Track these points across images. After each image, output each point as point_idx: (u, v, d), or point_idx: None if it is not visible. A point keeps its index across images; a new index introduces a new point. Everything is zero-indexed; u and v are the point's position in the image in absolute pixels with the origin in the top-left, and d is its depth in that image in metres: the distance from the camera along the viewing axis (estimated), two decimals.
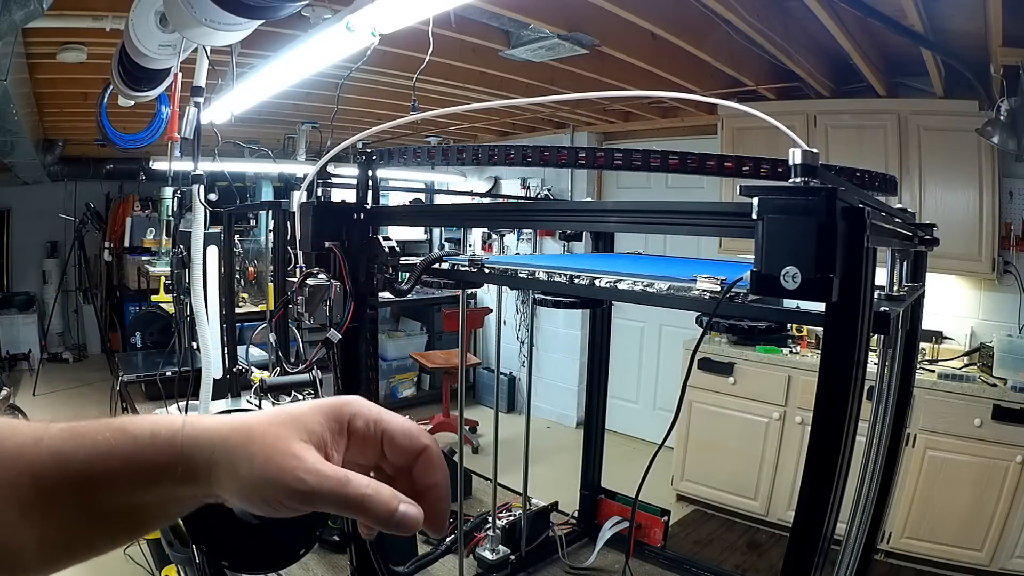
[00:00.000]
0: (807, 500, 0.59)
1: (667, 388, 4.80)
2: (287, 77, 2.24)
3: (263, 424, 0.39)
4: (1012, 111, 2.72)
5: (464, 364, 1.34)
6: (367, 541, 1.14)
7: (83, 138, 4.94)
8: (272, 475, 0.37)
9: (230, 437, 0.39)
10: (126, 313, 6.32)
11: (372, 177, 1.16)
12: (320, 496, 0.37)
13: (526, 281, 0.92)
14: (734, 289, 0.66)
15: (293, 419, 0.40)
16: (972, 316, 3.46)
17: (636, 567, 1.47)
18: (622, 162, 0.84)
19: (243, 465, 0.38)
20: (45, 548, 0.37)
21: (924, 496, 3.05)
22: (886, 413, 1.03)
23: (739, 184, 0.60)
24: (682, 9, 2.61)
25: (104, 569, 3.07)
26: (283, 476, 0.37)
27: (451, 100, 3.73)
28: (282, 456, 0.38)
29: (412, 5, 1.50)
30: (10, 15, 1.43)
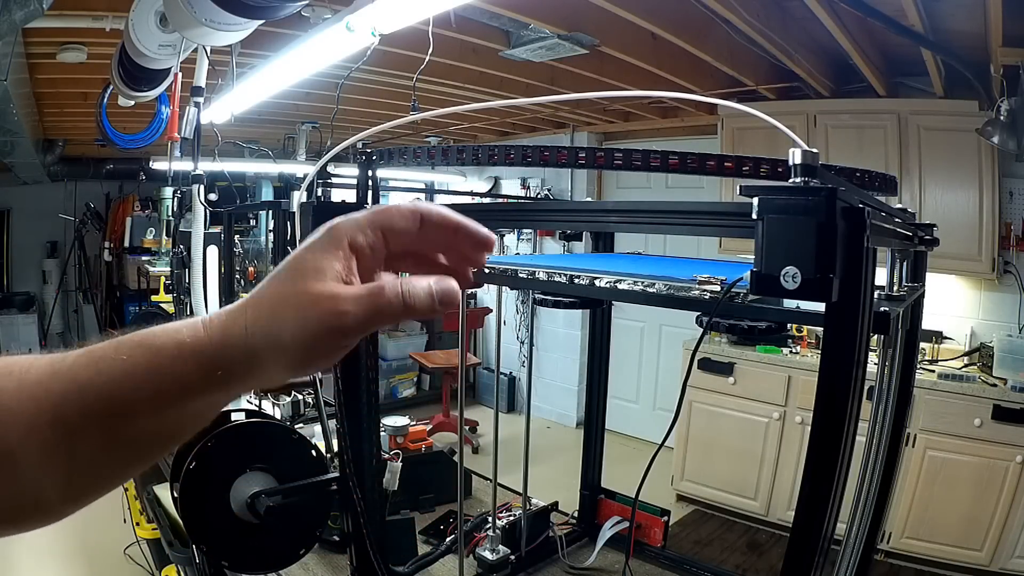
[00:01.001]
0: (807, 500, 0.59)
1: (667, 388, 4.80)
2: (287, 77, 2.24)
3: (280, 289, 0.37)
4: (1012, 111, 2.72)
5: (464, 364, 1.34)
6: (367, 541, 1.14)
7: (83, 138, 4.94)
8: (316, 325, 0.36)
9: (258, 318, 0.36)
10: (126, 313, 6.32)
11: (372, 177, 1.16)
12: (367, 317, 0.37)
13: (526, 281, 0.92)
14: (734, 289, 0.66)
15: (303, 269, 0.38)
16: (972, 316, 3.46)
17: (636, 567, 1.47)
18: (622, 162, 0.84)
19: (285, 334, 0.36)
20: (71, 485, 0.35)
21: (924, 496, 3.05)
22: (886, 413, 1.03)
23: (739, 184, 0.60)
24: (682, 9, 2.61)
25: (104, 569, 3.08)
26: (327, 320, 0.36)
27: (451, 100, 3.73)
28: (316, 302, 0.36)
29: (412, 5, 1.50)
30: (10, 15, 1.43)
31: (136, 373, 0.35)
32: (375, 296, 0.37)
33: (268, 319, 0.36)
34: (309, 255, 0.38)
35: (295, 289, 0.37)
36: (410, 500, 1.71)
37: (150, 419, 0.36)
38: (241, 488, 1.08)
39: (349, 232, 0.39)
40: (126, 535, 2.68)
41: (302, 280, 0.37)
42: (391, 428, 1.76)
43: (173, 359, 0.35)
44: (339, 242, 0.39)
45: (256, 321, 0.36)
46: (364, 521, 1.13)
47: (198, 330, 0.36)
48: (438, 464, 1.82)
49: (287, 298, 0.36)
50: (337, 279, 0.37)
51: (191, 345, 0.35)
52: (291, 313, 0.36)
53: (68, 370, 0.35)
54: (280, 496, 1.10)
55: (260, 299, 0.37)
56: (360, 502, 1.12)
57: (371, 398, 1.17)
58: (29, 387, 0.34)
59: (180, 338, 0.36)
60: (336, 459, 1.24)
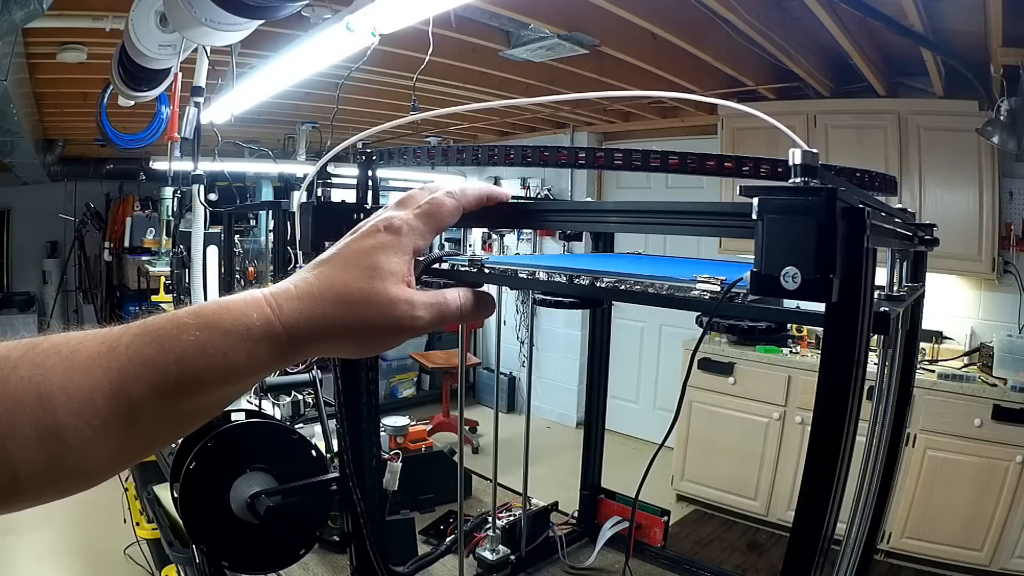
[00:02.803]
0: (807, 500, 0.59)
1: (667, 388, 4.80)
2: (287, 77, 2.24)
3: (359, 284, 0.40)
4: (1012, 111, 2.72)
5: (464, 364, 1.34)
6: (367, 541, 1.14)
7: (83, 138, 4.94)
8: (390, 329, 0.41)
9: (332, 313, 0.39)
10: (126, 313, 6.31)
11: (372, 177, 1.16)
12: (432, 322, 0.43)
13: (526, 281, 0.92)
14: (734, 289, 0.66)
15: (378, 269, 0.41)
16: (972, 316, 3.46)
17: (636, 567, 1.47)
18: (622, 162, 0.84)
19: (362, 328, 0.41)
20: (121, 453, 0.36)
21: (924, 496, 3.05)
22: (886, 413, 1.03)
23: (739, 184, 0.60)
24: (682, 9, 2.61)
25: (104, 569, 3.08)
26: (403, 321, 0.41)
27: (451, 100, 3.73)
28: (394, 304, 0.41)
29: (412, 5, 1.50)
30: (10, 15, 1.43)
31: (207, 352, 0.36)
32: (442, 305, 0.44)
33: (347, 310, 0.40)
34: (382, 256, 0.42)
35: (376, 288, 0.41)
36: (410, 500, 1.71)
37: (215, 392, 0.38)
38: (241, 488, 1.08)
39: (414, 240, 0.44)
40: (126, 535, 2.68)
41: (380, 281, 0.41)
42: (391, 428, 1.76)
43: (243, 341, 0.37)
44: (407, 248, 0.44)
45: (341, 311, 0.40)
46: (364, 521, 1.13)
47: (267, 315, 0.38)
48: (438, 464, 1.82)
49: (367, 296, 0.41)
50: (405, 281, 0.43)
51: (261, 329, 0.37)
52: (373, 312, 0.41)
53: (127, 348, 0.35)
54: (280, 496, 1.10)
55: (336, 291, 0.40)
56: (360, 502, 1.12)
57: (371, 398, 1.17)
58: (82, 363, 0.34)
59: (249, 323, 0.37)
60: (336, 459, 1.24)
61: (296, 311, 0.39)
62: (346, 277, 0.41)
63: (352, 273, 0.41)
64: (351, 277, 0.41)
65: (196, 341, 0.36)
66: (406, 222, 0.44)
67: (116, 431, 0.35)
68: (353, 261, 0.42)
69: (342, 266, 0.41)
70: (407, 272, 0.43)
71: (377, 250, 0.42)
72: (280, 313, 0.38)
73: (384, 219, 0.45)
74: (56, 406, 0.33)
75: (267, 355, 0.38)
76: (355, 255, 0.42)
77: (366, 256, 0.42)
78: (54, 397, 0.33)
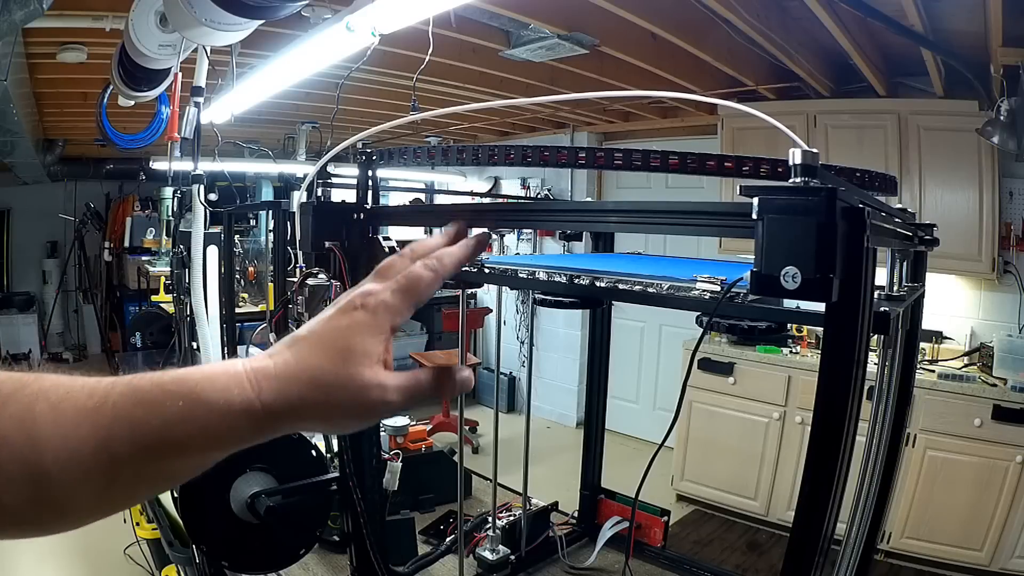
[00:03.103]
0: (807, 500, 0.59)
1: (667, 388, 4.80)
2: (287, 77, 2.24)
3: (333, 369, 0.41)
4: (1012, 111, 2.72)
5: (464, 364, 1.34)
6: (367, 541, 1.14)
7: (83, 138, 4.94)
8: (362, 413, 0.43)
9: (307, 396, 0.41)
10: (126, 313, 6.31)
11: (372, 177, 1.16)
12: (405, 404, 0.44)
13: (526, 281, 0.92)
14: (734, 289, 0.66)
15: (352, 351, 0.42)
16: (972, 316, 3.46)
17: (636, 567, 1.47)
18: (622, 162, 0.84)
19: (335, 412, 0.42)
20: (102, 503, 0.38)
21: (924, 496, 3.05)
22: (886, 413, 1.03)
23: (739, 184, 0.60)
24: (682, 9, 2.61)
25: (104, 569, 3.08)
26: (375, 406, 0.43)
27: (451, 100, 3.73)
28: (367, 390, 0.42)
29: (412, 5, 1.50)
30: (10, 15, 1.43)
31: (188, 423, 0.38)
32: (414, 388, 0.44)
33: (321, 395, 0.41)
34: (358, 338, 0.43)
35: (349, 372, 0.42)
36: (410, 500, 1.71)
37: (195, 459, 0.40)
38: (241, 488, 1.08)
39: (391, 319, 0.45)
40: (126, 535, 2.67)
41: (353, 364, 0.42)
42: (391, 428, 1.76)
43: (224, 416, 0.39)
44: (382, 328, 0.44)
45: (312, 394, 0.41)
46: (364, 521, 1.13)
47: (247, 392, 0.39)
48: (438, 464, 1.82)
49: (341, 380, 0.42)
50: (381, 362, 0.43)
51: (242, 406, 0.39)
52: (344, 396, 0.42)
53: (113, 406, 0.37)
54: (280, 496, 1.10)
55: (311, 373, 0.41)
56: (360, 502, 1.12)
57: None
58: (70, 416, 0.36)
59: (230, 398, 0.39)
60: (336, 459, 1.24)
61: (274, 391, 0.40)
62: (322, 359, 0.42)
63: (327, 355, 0.42)
64: (326, 359, 0.42)
65: (179, 411, 0.37)
66: (383, 301, 0.45)
67: (98, 483, 0.36)
68: (329, 342, 0.43)
69: (319, 347, 0.42)
70: (383, 352, 0.44)
71: (353, 331, 0.43)
72: (259, 392, 0.39)
73: (361, 295, 0.45)
74: (44, 451, 0.35)
75: (245, 430, 0.39)
76: (331, 335, 0.43)
77: (341, 337, 0.43)
78: (42, 443, 0.35)
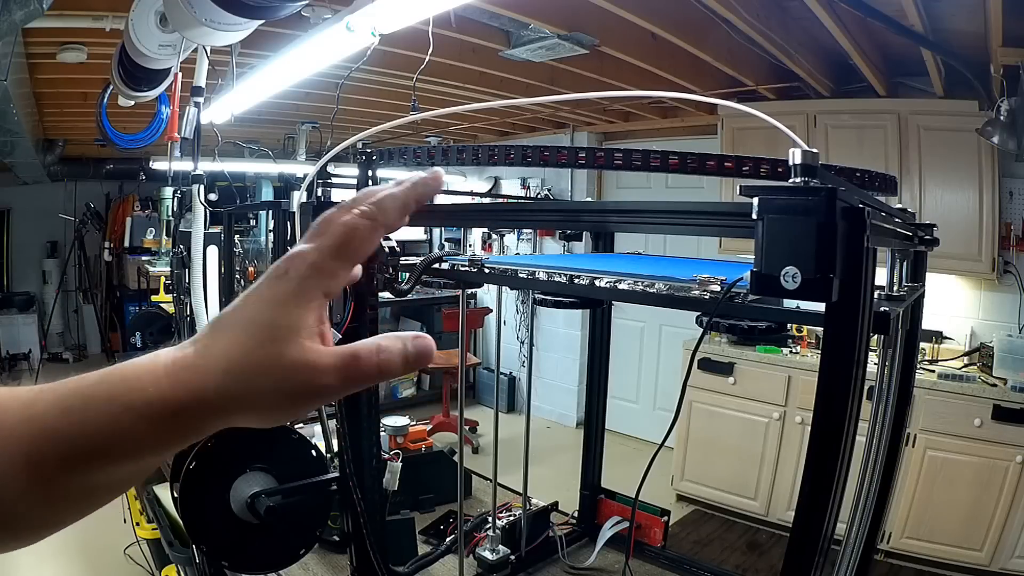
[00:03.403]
0: (807, 500, 0.59)
1: (667, 388, 4.80)
2: (287, 77, 2.24)
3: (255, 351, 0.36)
4: (1012, 111, 2.72)
5: (464, 364, 1.34)
6: (367, 541, 1.14)
7: (83, 138, 4.94)
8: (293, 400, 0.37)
9: (225, 386, 0.36)
10: (126, 313, 6.32)
11: (372, 177, 1.16)
12: (342, 387, 0.37)
13: (526, 281, 0.92)
14: (734, 289, 0.66)
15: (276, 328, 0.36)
16: (972, 316, 3.46)
17: (636, 567, 1.47)
18: (622, 162, 0.84)
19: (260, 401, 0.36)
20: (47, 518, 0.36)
21: (924, 496, 3.05)
22: (886, 413, 1.03)
23: (739, 184, 0.60)
24: (682, 9, 2.61)
25: (104, 569, 3.08)
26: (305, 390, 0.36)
27: (451, 100, 3.73)
28: (294, 371, 0.36)
29: (412, 5, 1.50)
30: (10, 15, 1.43)
31: (108, 427, 0.34)
32: (351, 367, 0.37)
33: (242, 384, 0.36)
34: (282, 311, 0.37)
35: (269, 353, 0.36)
36: (410, 500, 1.71)
37: (126, 467, 0.36)
38: (241, 488, 1.08)
39: (323, 284, 0.38)
40: (126, 535, 2.67)
41: (277, 343, 0.36)
42: (391, 428, 1.76)
43: (143, 418, 0.35)
44: (312, 295, 0.38)
45: (229, 384, 0.36)
46: (364, 521, 1.13)
47: (163, 387, 0.35)
48: (438, 464, 1.82)
49: (262, 364, 0.36)
50: (312, 336, 0.37)
51: (160, 404, 0.35)
52: (267, 382, 0.36)
53: (40, 417, 0.34)
54: (280, 496, 1.10)
55: (228, 358, 0.36)
56: (360, 502, 1.12)
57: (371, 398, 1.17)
58: (5, 430, 0.34)
59: (147, 396, 0.35)
60: (336, 459, 1.24)
61: (191, 383, 0.35)
62: (241, 340, 0.36)
63: (248, 335, 0.36)
64: (246, 340, 0.36)
65: (99, 415, 0.34)
66: (311, 263, 0.38)
67: (36, 500, 0.35)
68: (251, 318, 0.37)
69: (239, 326, 0.37)
70: (314, 323, 0.37)
71: (276, 303, 0.37)
72: (175, 386, 0.35)
73: (287, 259, 0.39)
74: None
75: (169, 430, 0.36)
76: (253, 310, 0.37)
77: (265, 311, 0.37)
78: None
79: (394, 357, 0.38)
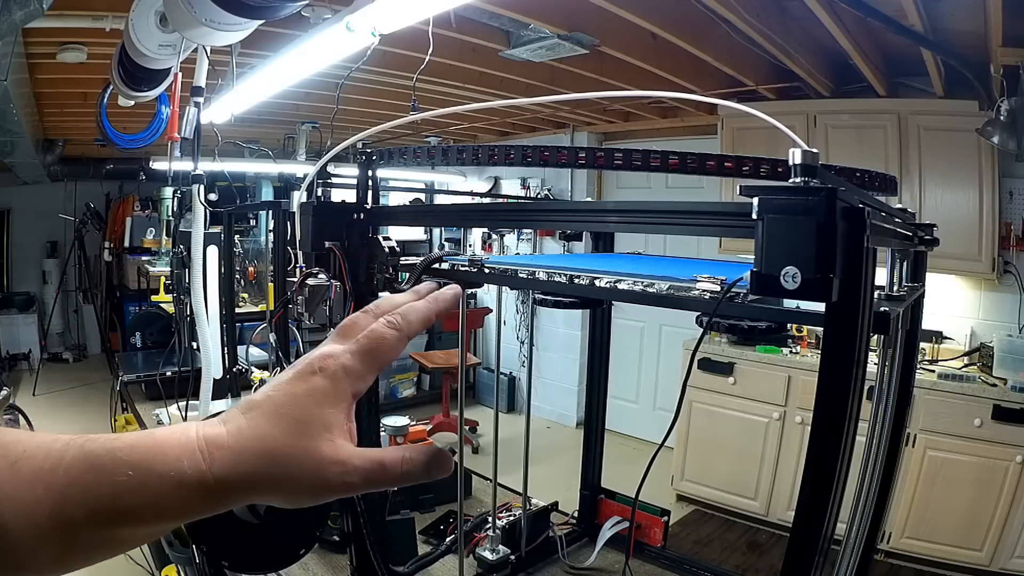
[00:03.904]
0: (807, 500, 0.59)
1: (667, 388, 4.81)
2: (287, 77, 2.24)
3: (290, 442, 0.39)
4: (1012, 111, 2.72)
5: (464, 364, 1.34)
6: (367, 541, 1.14)
7: (83, 138, 4.94)
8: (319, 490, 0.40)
9: (261, 470, 0.38)
10: (126, 313, 6.32)
11: (372, 177, 1.16)
12: (365, 486, 0.40)
13: (526, 281, 0.92)
14: (734, 289, 0.66)
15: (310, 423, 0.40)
16: (972, 316, 3.46)
17: (636, 567, 1.47)
18: (622, 162, 0.84)
19: (291, 487, 0.39)
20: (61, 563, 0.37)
21: (924, 496, 3.05)
22: (886, 413, 1.03)
23: (739, 184, 0.60)
24: (682, 9, 2.61)
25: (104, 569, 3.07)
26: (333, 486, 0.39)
27: (451, 100, 3.73)
28: (325, 467, 0.39)
29: (412, 5, 1.50)
30: (10, 15, 1.43)
31: (140, 493, 0.36)
32: (376, 472, 0.40)
33: (274, 469, 0.38)
34: (316, 408, 0.40)
35: (303, 446, 0.39)
36: (410, 500, 1.71)
37: (150, 526, 0.38)
38: None
39: (353, 385, 0.42)
40: None
41: (311, 438, 0.39)
42: (391, 428, 1.76)
43: (175, 487, 0.37)
44: (343, 395, 0.41)
45: (263, 470, 0.38)
46: (364, 521, 1.13)
47: (199, 464, 0.37)
48: None
49: (297, 456, 0.39)
50: (343, 434, 0.41)
51: (192, 477, 0.37)
52: (299, 473, 0.39)
53: (66, 471, 0.36)
54: None
55: (265, 445, 0.39)
56: (360, 502, 1.12)
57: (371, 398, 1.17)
58: (27, 477, 0.35)
59: (182, 468, 0.37)
60: None
61: (227, 463, 0.38)
62: (276, 431, 0.39)
63: (282, 427, 0.39)
64: (281, 432, 0.39)
65: (130, 481, 0.36)
66: (343, 366, 0.42)
67: (55, 545, 0.36)
68: (285, 411, 0.40)
69: (274, 416, 0.40)
70: (344, 421, 0.41)
71: (311, 399, 0.40)
72: (211, 464, 0.37)
73: (320, 357, 0.42)
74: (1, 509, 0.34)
75: (197, 502, 0.38)
76: (287, 403, 0.40)
77: (299, 406, 0.40)
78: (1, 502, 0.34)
79: (416, 468, 0.42)
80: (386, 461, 0.41)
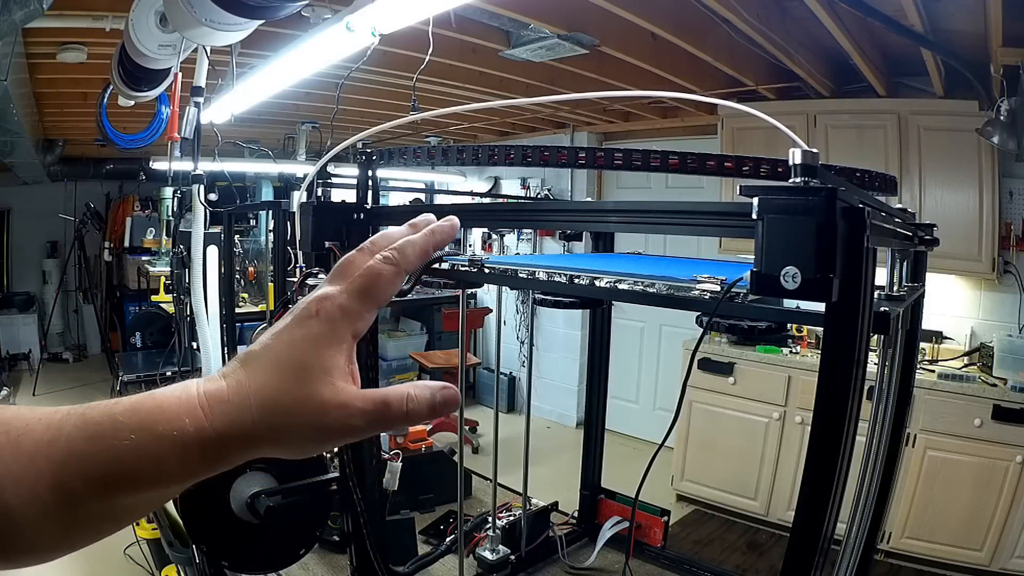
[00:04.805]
0: (807, 500, 0.59)
1: (667, 388, 4.81)
2: (287, 77, 2.24)
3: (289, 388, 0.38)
4: (1012, 111, 2.72)
5: (464, 364, 1.34)
6: (367, 541, 1.14)
7: (83, 138, 4.94)
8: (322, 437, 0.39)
9: (262, 420, 0.37)
10: (126, 313, 6.31)
11: (372, 177, 1.16)
12: (371, 429, 0.40)
13: (526, 281, 0.92)
14: (734, 289, 0.66)
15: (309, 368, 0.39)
16: (972, 316, 3.46)
17: (636, 567, 1.47)
18: (622, 162, 0.84)
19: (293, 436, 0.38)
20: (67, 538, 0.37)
21: (924, 496, 3.05)
22: (886, 413, 1.03)
23: (739, 184, 0.60)
24: (682, 9, 2.61)
25: (104, 569, 3.08)
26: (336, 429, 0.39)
27: (451, 100, 3.73)
28: (326, 411, 0.38)
29: (412, 5, 1.50)
30: (10, 15, 1.43)
31: (140, 456, 0.36)
32: (381, 412, 0.39)
33: (276, 419, 0.38)
34: (314, 352, 0.39)
35: (304, 392, 0.38)
36: (410, 500, 1.71)
37: (151, 492, 0.38)
38: (241, 488, 1.08)
39: (351, 325, 0.41)
40: (126, 535, 2.67)
41: (311, 383, 0.38)
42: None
43: (176, 447, 0.36)
44: (342, 337, 0.40)
45: (265, 420, 0.37)
46: (364, 521, 1.13)
47: (199, 419, 0.37)
48: (438, 464, 1.82)
49: (298, 402, 0.38)
50: (344, 376, 0.39)
51: (194, 435, 0.36)
52: (302, 420, 0.38)
53: (67, 440, 0.35)
54: (280, 496, 1.10)
55: (265, 395, 0.38)
56: (360, 502, 1.12)
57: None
58: (28, 451, 0.35)
59: (182, 426, 0.36)
60: (336, 459, 1.24)
61: (227, 417, 0.37)
62: (276, 380, 0.38)
63: (282, 375, 0.38)
64: (281, 380, 0.38)
65: (130, 444, 0.35)
66: (340, 306, 0.41)
67: (59, 519, 0.35)
68: (284, 358, 0.39)
69: (273, 365, 0.39)
70: (345, 364, 0.40)
71: (308, 344, 0.39)
72: (212, 419, 0.37)
73: (316, 300, 0.41)
74: (5, 487, 0.34)
75: (199, 460, 0.37)
76: (286, 350, 0.39)
77: (297, 352, 0.39)
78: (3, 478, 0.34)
79: (421, 406, 0.40)
80: (390, 400, 0.40)
